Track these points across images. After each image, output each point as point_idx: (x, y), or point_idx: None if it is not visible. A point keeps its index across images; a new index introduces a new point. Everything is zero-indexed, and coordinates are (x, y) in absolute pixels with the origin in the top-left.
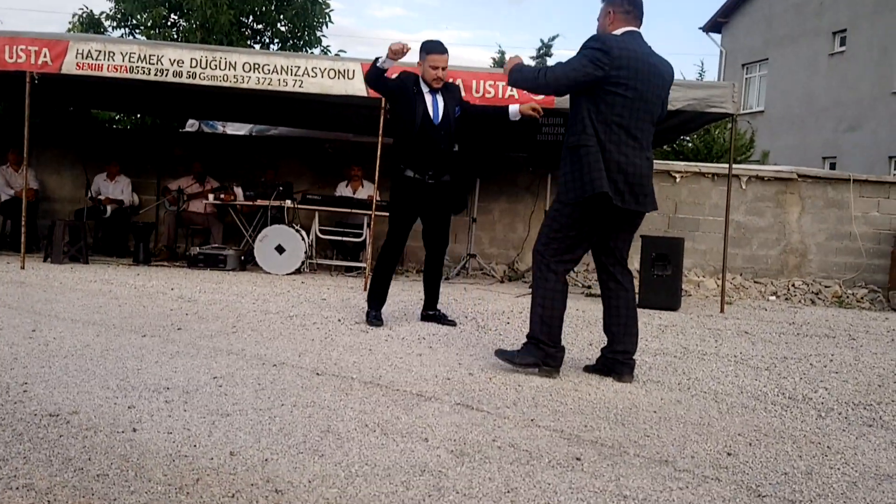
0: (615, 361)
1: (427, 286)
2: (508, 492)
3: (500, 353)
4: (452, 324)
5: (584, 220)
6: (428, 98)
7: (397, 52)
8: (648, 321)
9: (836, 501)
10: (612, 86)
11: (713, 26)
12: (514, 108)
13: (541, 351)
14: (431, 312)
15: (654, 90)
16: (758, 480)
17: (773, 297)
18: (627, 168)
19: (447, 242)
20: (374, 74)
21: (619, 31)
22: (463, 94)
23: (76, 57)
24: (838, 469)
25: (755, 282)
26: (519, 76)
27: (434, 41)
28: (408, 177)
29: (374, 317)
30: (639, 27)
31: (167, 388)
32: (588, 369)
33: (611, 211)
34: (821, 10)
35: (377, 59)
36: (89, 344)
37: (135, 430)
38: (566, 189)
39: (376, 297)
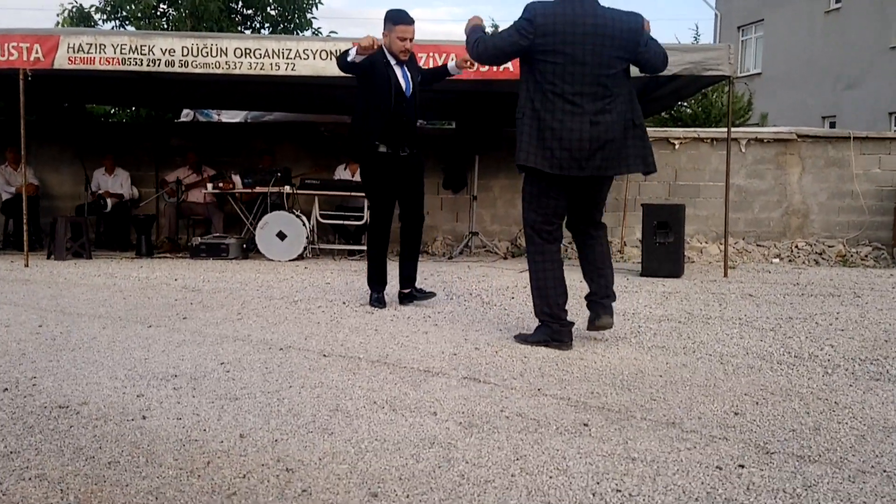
0: (593, 303)
1: (405, 265)
2: (517, 459)
3: (519, 338)
4: (432, 295)
5: (541, 187)
6: (397, 71)
7: (367, 49)
8: (652, 289)
9: (844, 455)
10: (540, 54)
11: None
12: (451, 64)
13: (549, 328)
14: (407, 291)
15: (597, 50)
16: (766, 438)
17: (777, 260)
18: (563, 134)
19: (423, 217)
20: (346, 64)
21: None
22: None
23: (68, 51)
24: (846, 423)
25: (758, 245)
26: (466, 43)
27: (400, 11)
28: (382, 153)
29: (376, 299)
30: None
31: (175, 376)
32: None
33: (561, 178)
34: None
35: (347, 52)
36: (96, 336)
37: (144, 417)
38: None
39: (376, 280)
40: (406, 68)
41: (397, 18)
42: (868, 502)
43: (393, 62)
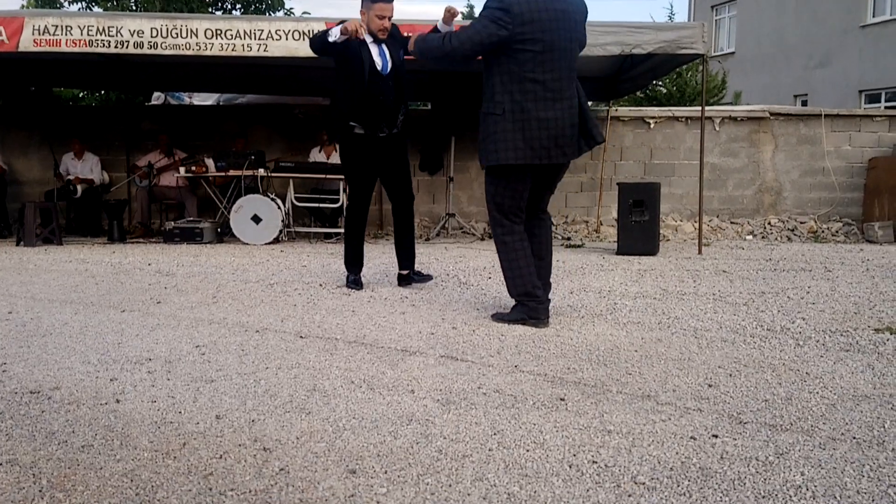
0: None
1: (400, 246)
2: (495, 434)
3: (496, 317)
4: (429, 278)
5: (516, 175)
6: (374, 49)
7: (352, 33)
8: (628, 267)
9: (815, 423)
10: (519, 43)
11: None
12: (439, 24)
13: (525, 307)
14: (406, 273)
15: (567, 34)
16: (739, 409)
17: (750, 237)
18: (549, 123)
19: (413, 196)
20: (321, 44)
21: None
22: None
23: (33, 33)
24: (817, 393)
25: (732, 222)
26: (424, 45)
27: None
28: (358, 134)
29: (353, 281)
30: None
31: (149, 360)
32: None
33: (533, 167)
34: None
35: (326, 32)
36: (67, 322)
37: (118, 401)
38: (480, 156)
39: (353, 262)
40: (384, 46)
41: None
42: (838, 468)
43: (369, 40)
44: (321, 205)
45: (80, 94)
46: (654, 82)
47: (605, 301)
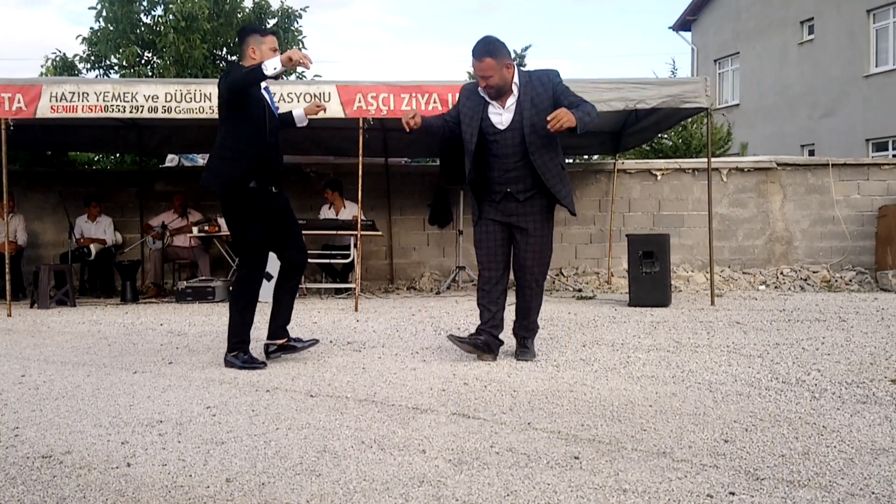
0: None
1: (281, 304)
2: (508, 495)
3: (522, 355)
4: (315, 342)
5: None
6: (266, 95)
7: (297, 62)
8: (640, 319)
9: (833, 479)
10: None
11: (683, 25)
12: (298, 113)
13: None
14: (281, 342)
15: None
16: (755, 464)
17: (763, 287)
18: None
19: (307, 254)
20: (250, 82)
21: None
22: None
23: (50, 100)
24: (834, 447)
25: (744, 272)
26: (588, 119)
27: (257, 24)
28: (253, 189)
29: (249, 360)
30: None
31: (160, 422)
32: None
33: None
34: (787, 0)
35: (261, 66)
36: (80, 385)
37: (129, 465)
38: (571, 206)
39: (245, 337)
40: (272, 94)
41: (264, 31)
42: None
43: (263, 85)
44: (332, 260)
45: (95, 157)
46: (660, 135)
47: (618, 354)
